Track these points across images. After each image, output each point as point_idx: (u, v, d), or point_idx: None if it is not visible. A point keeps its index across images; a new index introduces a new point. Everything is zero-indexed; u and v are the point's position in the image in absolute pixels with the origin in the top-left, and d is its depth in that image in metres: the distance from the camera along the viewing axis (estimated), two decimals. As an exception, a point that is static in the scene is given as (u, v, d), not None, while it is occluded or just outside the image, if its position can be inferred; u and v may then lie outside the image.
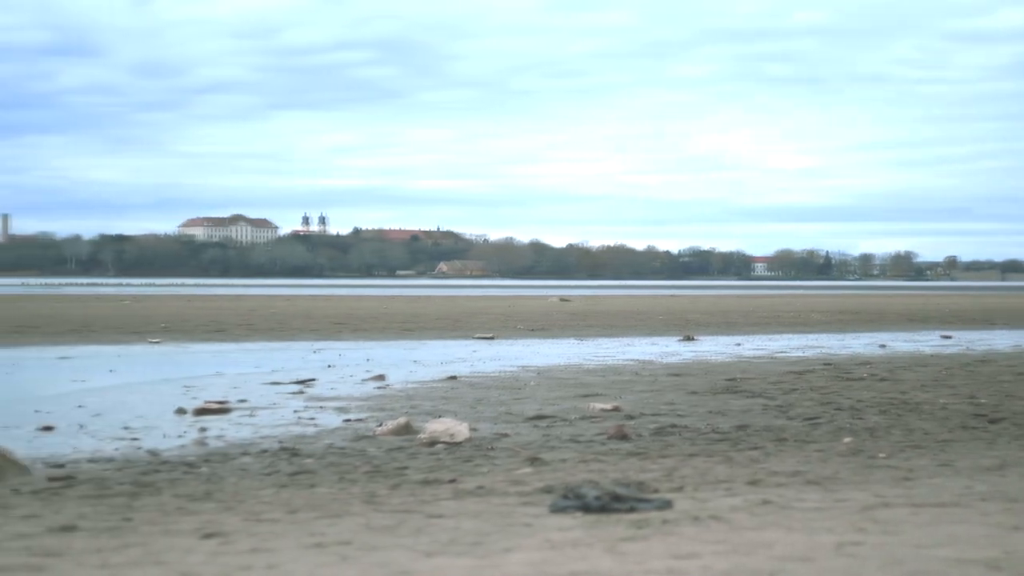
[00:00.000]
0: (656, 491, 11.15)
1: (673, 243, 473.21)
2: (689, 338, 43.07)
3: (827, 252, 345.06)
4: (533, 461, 13.69)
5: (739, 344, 40.13)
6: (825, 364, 29.94)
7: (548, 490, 11.32)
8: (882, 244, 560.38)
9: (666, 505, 10.30)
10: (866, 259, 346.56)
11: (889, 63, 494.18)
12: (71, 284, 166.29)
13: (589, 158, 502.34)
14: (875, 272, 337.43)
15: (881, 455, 14.16)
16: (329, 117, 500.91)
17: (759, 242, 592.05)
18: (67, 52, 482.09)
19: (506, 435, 16.34)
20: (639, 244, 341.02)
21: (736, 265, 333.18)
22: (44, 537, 9.31)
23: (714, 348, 37.92)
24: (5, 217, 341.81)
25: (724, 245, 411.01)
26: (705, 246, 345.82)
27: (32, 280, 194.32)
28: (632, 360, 32.04)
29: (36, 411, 19.60)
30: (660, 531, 9.25)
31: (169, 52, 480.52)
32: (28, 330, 43.76)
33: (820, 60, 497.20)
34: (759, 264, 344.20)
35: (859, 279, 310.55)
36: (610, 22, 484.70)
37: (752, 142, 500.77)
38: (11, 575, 7.99)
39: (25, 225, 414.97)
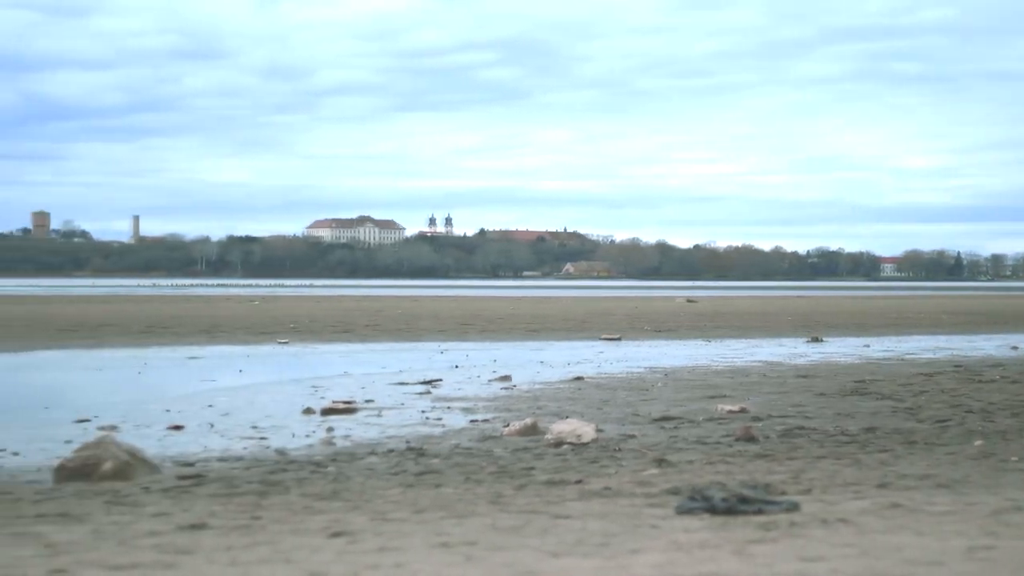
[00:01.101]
0: (783, 493, 11.06)
1: (800, 244, 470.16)
2: (817, 339, 42.70)
3: (958, 253, 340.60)
4: (659, 462, 13.63)
5: (867, 346, 39.73)
6: (955, 366, 29.55)
7: (674, 491, 11.26)
8: (1013, 245, 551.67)
9: (794, 507, 10.20)
10: (997, 260, 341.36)
11: (1019, 60, 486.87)
12: (200, 285, 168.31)
13: (714, 158, 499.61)
14: (1007, 273, 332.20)
15: (1013, 458, 13.93)
16: (454, 118, 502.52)
17: (887, 243, 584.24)
18: (194, 56, 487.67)
19: (632, 436, 16.29)
20: (766, 245, 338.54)
21: (864, 266, 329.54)
22: (174, 535, 9.41)
23: (842, 350, 37.57)
24: (135, 219, 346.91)
25: (851, 246, 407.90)
26: (832, 247, 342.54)
27: (161, 281, 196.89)
28: (759, 361, 31.83)
29: (166, 411, 19.85)
30: (788, 533, 9.16)
31: (295, 55, 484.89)
32: (158, 330, 44.33)
33: (948, 58, 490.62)
34: (887, 265, 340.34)
35: (991, 280, 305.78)
36: (735, 21, 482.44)
37: (879, 141, 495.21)
38: (143, 572, 8.08)
39: (154, 227, 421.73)
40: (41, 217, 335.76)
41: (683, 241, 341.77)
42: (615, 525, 9.61)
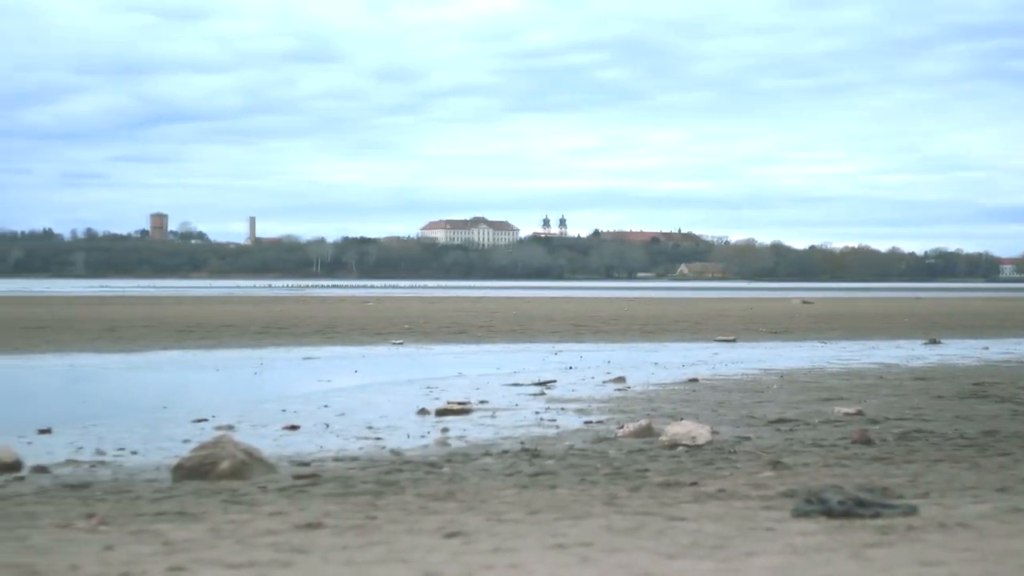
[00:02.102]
0: (901, 497, 10.94)
1: (917, 244, 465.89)
2: (934, 341, 42.21)
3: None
4: (775, 465, 13.55)
5: (986, 348, 39.23)
6: (1077, 369, 29.11)
7: (790, 494, 11.19)
8: None
9: (911, 511, 10.10)
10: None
11: None
12: (315, 286, 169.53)
13: (829, 158, 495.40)
14: None
15: None
16: (567, 119, 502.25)
17: (1006, 243, 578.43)
18: (309, 58, 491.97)
19: (747, 438, 16.20)
20: (882, 246, 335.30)
21: (982, 267, 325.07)
22: (291, 534, 9.47)
23: (960, 352, 37.13)
24: (251, 220, 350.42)
25: (970, 246, 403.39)
26: (950, 247, 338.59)
27: (277, 282, 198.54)
28: (876, 363, 31.53)
29: (282, 410, 20.01)
30: (906, 537, 9.07)
31: (408, 56, 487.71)
32: (275, 331, 44.71)
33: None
34: (1007, 266, 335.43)
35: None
36: (850, 20, 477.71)
37: (998, 140, 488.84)
38: (260, 571, 8.14)
39: (270, 228, 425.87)
40: (159, 219, 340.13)
41: (798, 242, 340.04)
42: (730, 527, 9.56)
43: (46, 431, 17.28)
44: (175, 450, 15.08)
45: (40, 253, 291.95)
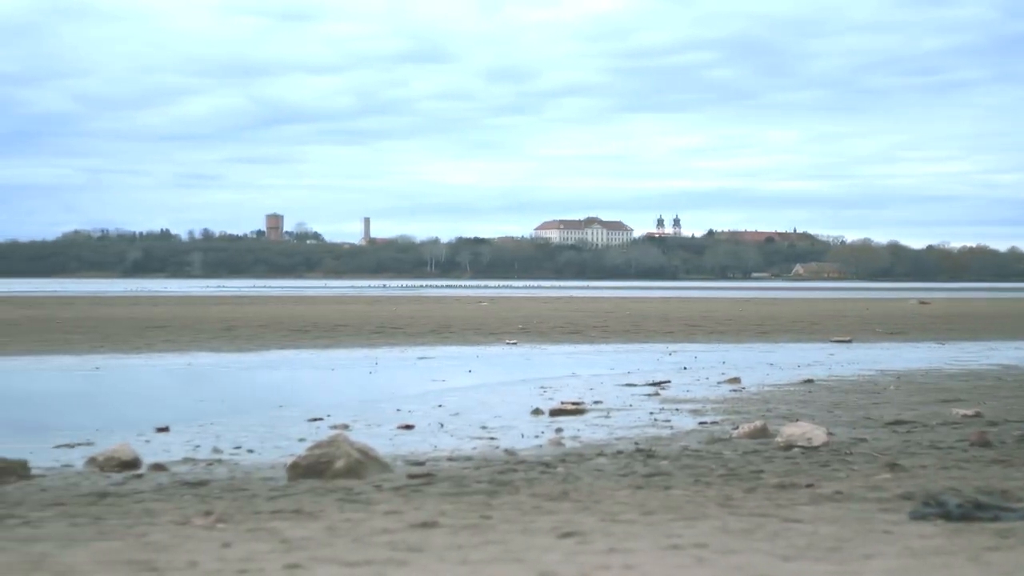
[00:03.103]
0: (1021, 500, 10.80)
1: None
2: (1055, 342, 41.64)
3: None
4: (892, 467, 13.41)
5: (1109, 349, 38.62)
6: None
7: (908, 496, 11.08)
8: None
9: (1032, 515, 9.96)
10: None
11: None
12: (429, 286, 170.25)
13: (944, 157, 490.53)
14: None
15: None
16: (680, 119, 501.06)
17: None
18: (421, 59, 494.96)
19: (864, 440, 16.05)
20: (1001, 245, 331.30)
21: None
22: (406, 532, 9.51)
23: (1082, 353, 36.56)
24: (366, 220, 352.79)
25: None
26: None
27: (391, 282, 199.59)
28: (995, 365, 31.14)
29: (397, 410, 20.11)
30: (1026, 541, 8.95)
31: (519, 57, 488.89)
32: (389, 331, 44.93)
33: None
34: None
35: None
36: (965, 17, 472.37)
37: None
38: (376, 569, 8.18)
39: (384, 228, 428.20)
40: (275, 219, 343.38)
41: (915, 242, 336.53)
42: (847, 530, 9.48)
43: (164, 429, 17.49)
44: (291, 449, 15.21)
45: (157, 253, 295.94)
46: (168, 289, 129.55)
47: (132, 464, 13.89)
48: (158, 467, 13.90)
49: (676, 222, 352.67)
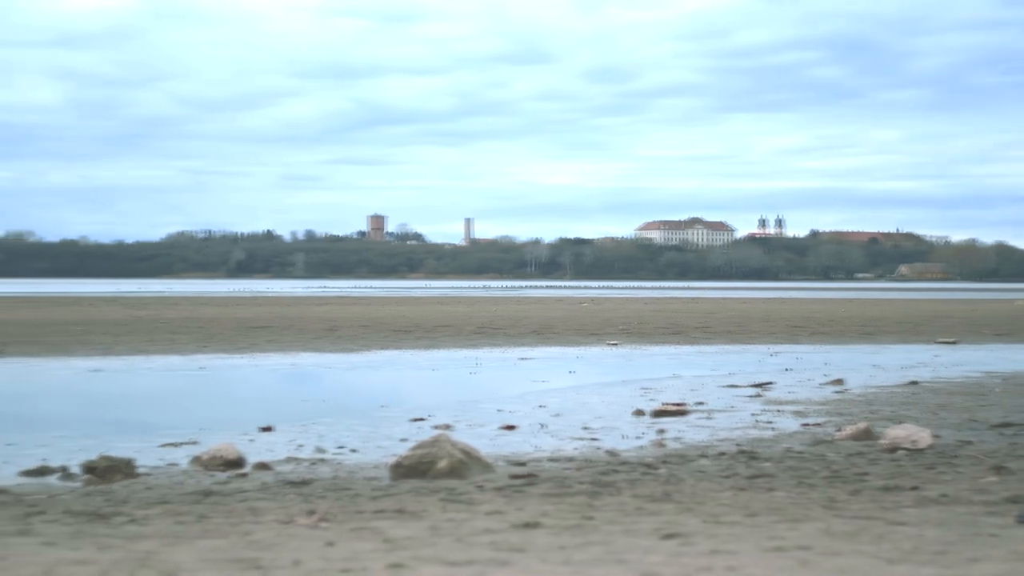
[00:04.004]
0: None
1: None
2: None
3: None
4: (998, 470, 13.26)
5: None
6: None
7: (1015, 500, 10.95)
8: None
9: None
10: None
11: None
12: (531, 286, 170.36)
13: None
14: None
15: None
16: (782, 118, 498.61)
17: None
18: (520, 60, 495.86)
19: (970, 442, 15.88)
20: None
21: None
22: (508, 533, 9.52)
23: None
24: (467, 221, 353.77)
25: None
26: None
27: (493, 283, 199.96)
28: (1104, 367, 30.70)
29: (499, 410, 20.13)
30: None
31: (619, 57, 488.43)
32: (490, 331, 45.00)
33: None
34: None
35: None
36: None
37: None
38: (479, 569, 8.19)
39: (485, 229, 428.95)
40: (377, 220, 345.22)
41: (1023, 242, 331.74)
42: (952, 533, 9.38)
43: (268, 429, 17.62)
44: (393, 448, 15.27)
45: (261, 254, 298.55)
46: (271, 290, 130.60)
47: (236, 463, 14.00)
48: (262, 466, 14.01)
49: (779, 222, 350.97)
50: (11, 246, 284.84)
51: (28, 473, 13.61)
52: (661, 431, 17.52)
